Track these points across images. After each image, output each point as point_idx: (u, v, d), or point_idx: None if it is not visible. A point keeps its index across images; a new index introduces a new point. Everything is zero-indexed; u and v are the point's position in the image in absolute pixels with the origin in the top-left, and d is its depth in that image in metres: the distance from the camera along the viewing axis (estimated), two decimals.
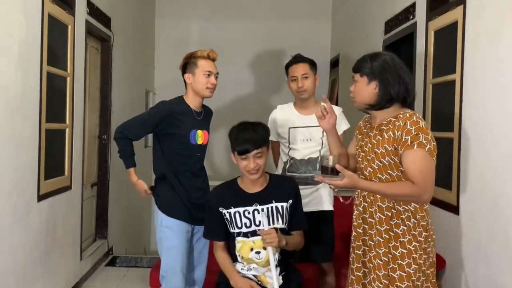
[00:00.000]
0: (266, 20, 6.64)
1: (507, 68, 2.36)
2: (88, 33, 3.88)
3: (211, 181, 2.79)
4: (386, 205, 1.98)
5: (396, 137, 1.91)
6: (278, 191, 2.33)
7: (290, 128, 2.80)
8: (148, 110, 2.90)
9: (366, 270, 2.05)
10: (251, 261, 2.31)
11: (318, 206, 2.79)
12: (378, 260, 1.99)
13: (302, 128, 2.78)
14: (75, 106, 3.60)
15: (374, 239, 2.01)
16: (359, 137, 2.16)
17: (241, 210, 2.30)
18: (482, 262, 2.56)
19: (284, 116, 2.85)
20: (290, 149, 2.82)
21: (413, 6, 3.59)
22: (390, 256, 1.97)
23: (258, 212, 2.28)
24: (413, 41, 3.57)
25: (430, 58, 3.25)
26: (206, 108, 2.78)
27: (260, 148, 2.23)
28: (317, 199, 2.80)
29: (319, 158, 2.75)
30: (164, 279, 2.63)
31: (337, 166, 1.93)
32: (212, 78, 2.61)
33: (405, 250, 1.95)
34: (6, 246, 2.63)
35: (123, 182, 4.55)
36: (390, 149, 1.93)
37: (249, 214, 2.29)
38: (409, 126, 1.89)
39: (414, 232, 1.95)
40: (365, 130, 2.13)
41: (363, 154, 2.07)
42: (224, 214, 2.32)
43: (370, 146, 2.03)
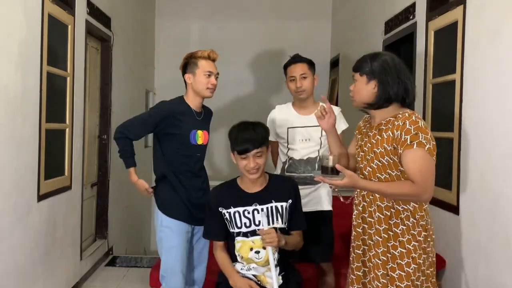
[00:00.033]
0: (266, 20, 6.64)
1: (507, 68, 2.36)
2: (88, 33, 3.88)
3: (211, 181, 2.79)
4: (385, 204, 1.99)
5: (395, 136, 1.92)
6: (278, 191, 2.33)
7: (288, 128, 2.80)
8: (148, 110, 2.90)
9: (366, 270, 2.06)
10: (251, 261, 2.31)
11: (317, 206, 2.79)
12: (377, 259, 1.99)
13: (300, 128, 2.78)
14: (75, 106, 3.60)
15: (373, 239, 2.01)
16: (359, 137, 2.16)
17: (240, 210, 2.30)
18: (482, 262, 2.56)
19: (282, 116, 2.85)
20: (288, 149, 2.81)
21: (413, 6, 3.59)
22: (389, 255, 1.97)
23: (258, 212, 2.28)
24: (413, 41, 3.57)
25: (430, 58, 3.25)
26: (206, 108, 2.78)
27: (260, 147, 2.23)
28: (316, 199, 2.80)
29: (318, 158, 2.76)
30: (164, 279, 2.64)
31: (337, 166, 1.93)
32: (212, 79, 2.61)
33: (404, 249, 1.95)
34: (6, 246, 2.63)
35: (123, 182, 4.56)
36: (389, 148, 1.94)
37: (248, 214, 2.30)
38: (408, 126, 1.89)
39: (413, 231, 1.95)
40: (364, 130, 2.14)
41: (363, 154, 2.08)
42: (223, 214, 2.32)
43: (369, 145, 2.03)
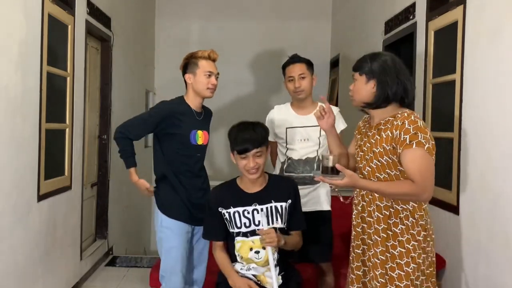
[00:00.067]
0: (266, 20, 6.64)
1: (507, 68, 2.36)
2: (88, 33, 3.88)
3: (211, 181, 2.79)
4: (384, 204, 1.99)
5: (394, 136, 1.92)
6: (277, 191, 2.33)
7: (287, 128, 2.80)
8: (148, 110, 2.90)
9: (365, 269, 2.06)
10: (251, 260, 2.31)
11: (316, 206, 2.79)
12: (376, 258, 2.00)
13: (299, 128, 2.78)
14: (75, 106, 3.60)
15: (373, 238, 2.01)
16: (358, 137, 2.17)
17: (240, 210, 2.30)
18: (482, 262, 2.56)
19: (281, 116, 2.85)
20: (287, 149, 2.81)
21: (413, 6, 3.59)
22: (388, 255, 1.97)
23: (258, 212, 2.28)
24: (413, 41, 3.57)
25: (430, 58, 3.24)
26: (206, 108, 2.78)
27: (259, 147, 2.23)
28: (315, 199, 2.79)
29: (317, 158, 2.75)
30: (164, 279, 2.64)
31: (337, 166, 1.93)
32: (212, 79, 2.61)
33: (403, 249, 1.95)
34: (6, 246, 2.63)
35: (123, 182, 4.56)
36: (388, 148, 1.94)
37: (248, 214, 2.30)
38: (407, 125, 1.89)
39: (413, 231, 1.96)
40: (364, 130, 2.14)
41: (362, 154, 2.08)
42: (223, 214, 2.32)
43: (369, 145, 2.03)
